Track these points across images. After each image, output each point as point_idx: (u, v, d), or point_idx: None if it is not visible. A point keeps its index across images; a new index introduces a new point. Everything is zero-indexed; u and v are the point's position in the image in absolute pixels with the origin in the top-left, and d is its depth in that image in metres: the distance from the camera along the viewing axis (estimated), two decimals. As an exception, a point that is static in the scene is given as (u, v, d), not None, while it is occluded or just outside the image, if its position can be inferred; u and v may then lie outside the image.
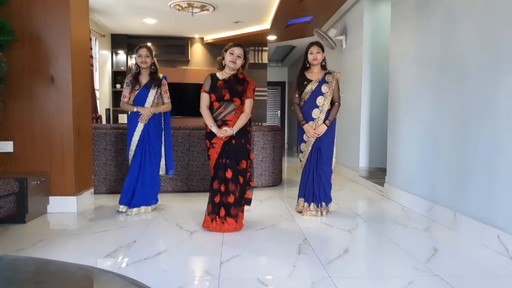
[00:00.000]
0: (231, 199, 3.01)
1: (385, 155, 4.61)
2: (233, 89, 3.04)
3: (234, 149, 3.04)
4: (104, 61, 7.70)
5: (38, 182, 3.39)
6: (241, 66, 3.09)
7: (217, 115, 3.07)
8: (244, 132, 3.08)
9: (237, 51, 3.04)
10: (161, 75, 3.69)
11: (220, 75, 3.11)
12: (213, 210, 3.03)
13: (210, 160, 3.11)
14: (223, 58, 3.09)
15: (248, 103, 3.09)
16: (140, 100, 3.57)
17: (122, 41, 7.98)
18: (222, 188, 3.03)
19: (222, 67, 3.12)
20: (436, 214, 3.39)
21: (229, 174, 3.01)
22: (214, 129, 3.00)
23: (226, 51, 3.07)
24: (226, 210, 3.01)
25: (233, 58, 3.03)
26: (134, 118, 3.59)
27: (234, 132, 3.01)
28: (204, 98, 3.10)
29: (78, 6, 3.74)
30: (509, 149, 2.55)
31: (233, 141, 3.03)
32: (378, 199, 4.39)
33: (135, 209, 3.55)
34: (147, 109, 3.54)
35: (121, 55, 8.07)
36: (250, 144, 3.13)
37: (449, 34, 3.29)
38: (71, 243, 2.79)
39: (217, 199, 3.01)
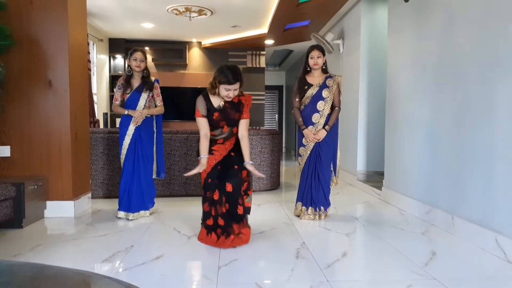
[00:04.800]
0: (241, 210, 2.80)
1: (383, 159, 4.61)
2: (230, 119, 2.80)
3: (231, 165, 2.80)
4: (101, 66, 7.70)
5: (35, 186, 3.38)
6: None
7: (214, 139, 2.84)
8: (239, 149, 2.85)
9: (234, 88, 2.68)
10: (153, 78, 3.68)
11: (214, 101, 2.78)
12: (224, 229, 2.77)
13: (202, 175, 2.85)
14: (216, 86, 2.71)
15: (245, 125, 2.84)
16: (131, 104, 3.56)
17: (120, 46, 7.99)
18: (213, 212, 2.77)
19: (215, 92, 2.76)
20: (434, 218, 3.39)
21: (229, 187, 2.75)
22: (203, 160, 2.73)
23: (219, 82, 2.67)
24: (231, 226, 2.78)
25: (229, 94, 2.71)
26: (125, 121, 3.57)
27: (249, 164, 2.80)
28: (202, 124, 2.76)
29: (76, 11, 3.75)
30: (507, 152, 2.56)
31: (232, 154, 2.84)
32: (376, 203, 4.39)
33: (135, 214, 3.54)
34: (138, 111, 3.53)
35: (119, 60, 8.07)
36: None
37: (446, 38, 3.31)
38: (68, 248, 2.77)
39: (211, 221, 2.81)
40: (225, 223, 2.74)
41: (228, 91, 2.68)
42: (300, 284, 2.15)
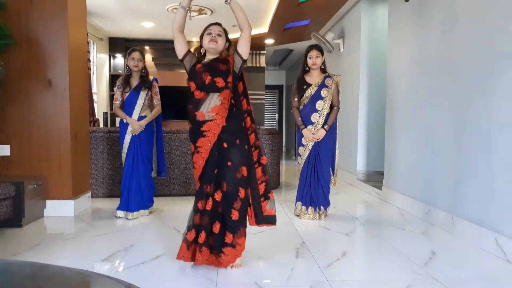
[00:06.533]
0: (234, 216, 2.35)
1: (383, 158, 4.61)
2: (214, 69, 2.38)
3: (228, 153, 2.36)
4: (101, 65, 7.69)
5: (35, 185, 3.37)
6: (226, 49, 2.47)
7: (197, 103, 2.36)
8: (240, 133, 2.48)
9: (216, 28, 2.43)
10: (151, 78, 3.69)
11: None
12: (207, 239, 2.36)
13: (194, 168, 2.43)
14: (201, 46, 2.47)
15: (242, 44, 2.41)
16: (130, 102, 3.56)
17: (120, 45, 7.99)
18: (208, 207, 2.34)
19: (202, 55, 2.48)
20: (434, 217, 3.39)
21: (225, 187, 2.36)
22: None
23: (202, 36, 2.45)
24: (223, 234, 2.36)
25: (212, 37, 2.39)
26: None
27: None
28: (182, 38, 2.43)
29: (76, 10, 3.75)
30: (506, 152, 2.56)
31: (225, 144, 2.36)
32: (376, 202, 4.39)
33: (135, 213, 3.54)
34: (137, 124, 3.52)
35: (119, 59, 8.07)
36: (256, 147, 2.58)
37: (446, 37, 3.31)
38: (68, 247, 2.77)
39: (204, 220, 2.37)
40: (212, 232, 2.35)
41: (210, 34, 2.41)
42: (299, 284, 2.15)
